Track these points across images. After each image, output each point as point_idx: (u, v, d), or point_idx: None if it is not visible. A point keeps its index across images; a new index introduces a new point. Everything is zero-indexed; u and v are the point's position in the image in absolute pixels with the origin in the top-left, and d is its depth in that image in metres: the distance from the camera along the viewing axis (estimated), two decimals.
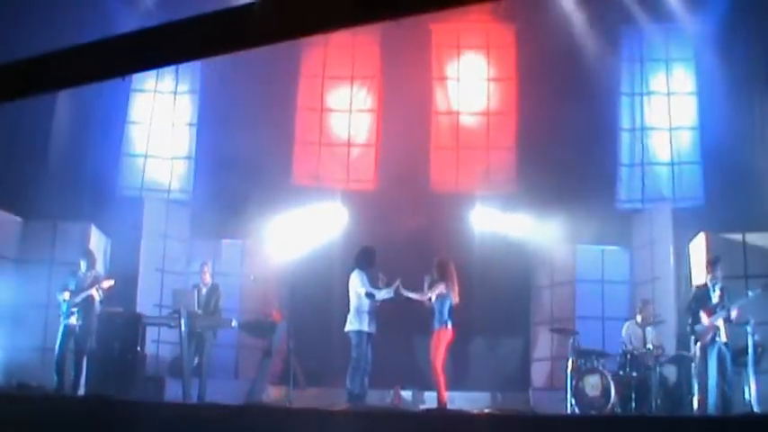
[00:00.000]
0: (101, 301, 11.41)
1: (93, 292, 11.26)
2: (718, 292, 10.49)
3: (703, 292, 10.63)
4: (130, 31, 4.51)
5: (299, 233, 14.00)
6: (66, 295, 11.14)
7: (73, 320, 11.15)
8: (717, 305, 10.40)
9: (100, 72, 4.74)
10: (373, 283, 10.65)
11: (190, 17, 4.40)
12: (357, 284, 10.46)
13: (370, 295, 10.36)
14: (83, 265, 11.43)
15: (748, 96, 12.69)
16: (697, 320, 10.50)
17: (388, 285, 10.57)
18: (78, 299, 11.15)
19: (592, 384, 10.96)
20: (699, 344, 10.51)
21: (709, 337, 10.31)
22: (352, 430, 8.52)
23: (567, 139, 13.27)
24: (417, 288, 10.53)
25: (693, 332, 10.59)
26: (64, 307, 11.18)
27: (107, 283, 11.82)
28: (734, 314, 10.16)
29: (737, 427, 8.32)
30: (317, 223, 14.12)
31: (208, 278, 11.70)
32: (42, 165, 13.01)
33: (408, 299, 10.51)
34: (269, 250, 14.14)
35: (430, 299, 10.35)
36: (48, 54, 4.55)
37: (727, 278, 10.70)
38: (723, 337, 10.28)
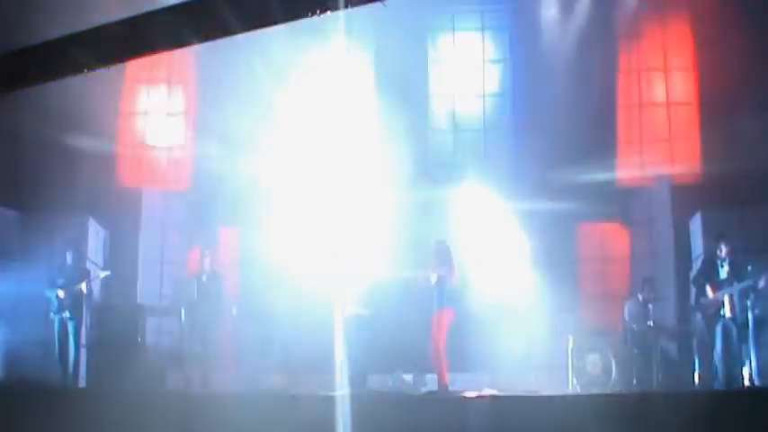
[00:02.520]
0: (89, 294, 11.40)
1: (83, 286, 11.26)
2: (726, 268, 10.46)
3: (710, 265, 10.60)
4: (117, 19, 4.48)
5: (299, 217, 13.94)
6: (61, 293, 11.16)
7: (66, 314, 11.17)
8: (725, 280, 10.38)
9: (93, 60, 4.72)
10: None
11: (181, 3, 4.37)
12: (354, 269, 10.49)
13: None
14: (69, 257, 11.43)
15: (748, 70, 12.60)
16: (703, 293, 10.49)
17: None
18: (68, 293, 11.16)
19: (593, 362, 10.99)
20: (703, 317, 10.49)
21: (713, 310, 10.30)
22: (355, 415, 8.54)
23: (564, 116, 13.22)
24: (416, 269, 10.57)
25: (698, 305, 10.57)
26: (55, 302, 11.20)
27: (103, 274, 11.85)
28: (761, 283, 10.04)
29: (739, 401, 8.35)
30: (315, 207, 14.04)
31: (209, 266, 11.66)
32: (39, 158, 12.96)
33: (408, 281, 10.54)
34: (268, 237, 14.11)
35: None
36: (34, 46, 4.51)
37: (730, 253, 10.68)
38: (728, 312, 10.27)
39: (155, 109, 14.62)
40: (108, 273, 12.08)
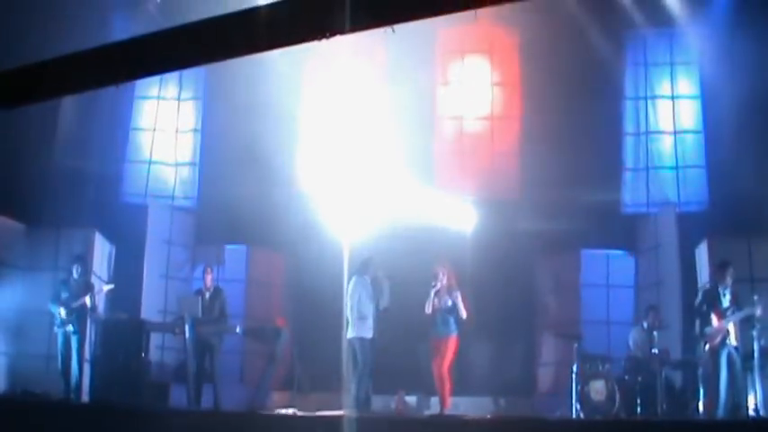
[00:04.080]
0: (92, 308, 11.40)
1: (88, 300, 11.26)
2: (729, 296, 10.43)
3: (713, 295, 10.56)
4: (130, 37, 4.50)
5: (303, 238, 13.94)
6: (62, 312, 11.16)
7: (69, 328, 11.17)
8: (727, 309, 10.34)
9: (98, 80, 4.74)
10: (375, 287, 10.77)
11: (193, 22, 4.39)
12: (357, 291, 10.55)
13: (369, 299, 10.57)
14: (74, 272, 11.45)
15: (752, 98, 12.62)
16: (707, 323, 10.44)
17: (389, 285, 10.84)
18: (72, 307, 11.16)
19: (597, 389, 10.93)
20: (708, 347, 10.42)
21: (718, 339, 10.25)
22: None
23: (570, 143, 13.24)
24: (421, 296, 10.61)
25: (703, 335, 10.53)
26: (59, 316, 11.20)
27: (107, 287, 11.87)
28: (758, 311, 10.05)
29: None
30: (321, 228, 14.04)
31: (210, 283, 11.68)
32: (46, 171, 13.01)
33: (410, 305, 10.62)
34: (273, 255, 14.13)
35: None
36: (45, 62, 4.54)
37: (733, 282, 10.65)
38: (733, 341, 10.23)
39: (163, 124, 14.66)
40: (112, 286, 12.13)
